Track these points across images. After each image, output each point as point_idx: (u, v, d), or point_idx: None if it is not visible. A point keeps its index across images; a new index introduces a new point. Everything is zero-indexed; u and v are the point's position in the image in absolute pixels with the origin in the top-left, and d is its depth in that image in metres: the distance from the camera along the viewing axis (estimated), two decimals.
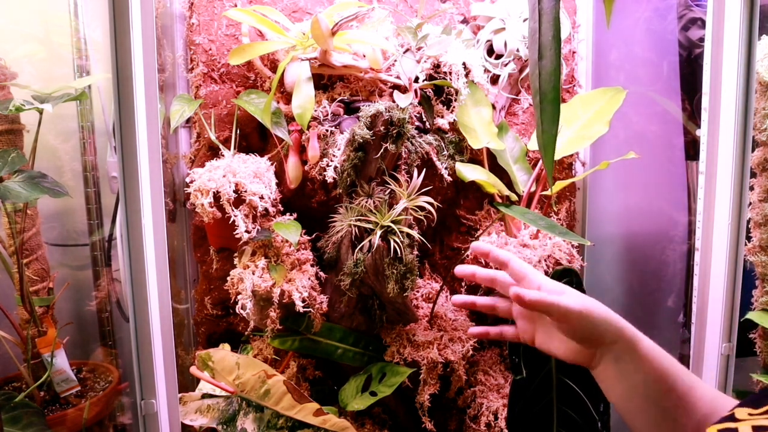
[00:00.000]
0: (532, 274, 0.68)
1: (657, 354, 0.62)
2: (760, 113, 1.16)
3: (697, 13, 1.37)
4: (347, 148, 1.10)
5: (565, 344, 0.66)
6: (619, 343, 0.63)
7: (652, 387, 0.61)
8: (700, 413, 0.59)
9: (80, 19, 1.26)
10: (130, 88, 0.83)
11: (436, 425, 1.16)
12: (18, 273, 1.13)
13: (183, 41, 1.29)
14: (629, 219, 1.56)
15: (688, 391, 0.60)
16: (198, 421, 1.10)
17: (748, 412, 0.42)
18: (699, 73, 1.15)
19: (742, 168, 1.09)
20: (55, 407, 1.15)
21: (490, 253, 0.71)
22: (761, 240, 1.18)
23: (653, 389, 0.61)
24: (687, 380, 0.61)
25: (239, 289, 1.08)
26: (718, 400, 0.60)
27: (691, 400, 0.60)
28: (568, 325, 0.63)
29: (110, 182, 1.31)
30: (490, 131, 1.25)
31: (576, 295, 0.65)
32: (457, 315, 1.29)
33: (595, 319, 0.62)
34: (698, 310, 1.16)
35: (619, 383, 0.63)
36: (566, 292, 0.65)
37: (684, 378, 0.61)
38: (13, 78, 1.14)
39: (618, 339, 0.63)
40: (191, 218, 1.34)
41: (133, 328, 0.89)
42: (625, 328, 0.63)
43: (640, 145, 1.49)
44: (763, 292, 1.20)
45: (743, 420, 0.41)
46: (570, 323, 0.62)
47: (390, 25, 1.20)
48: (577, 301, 0.63)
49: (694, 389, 0.60)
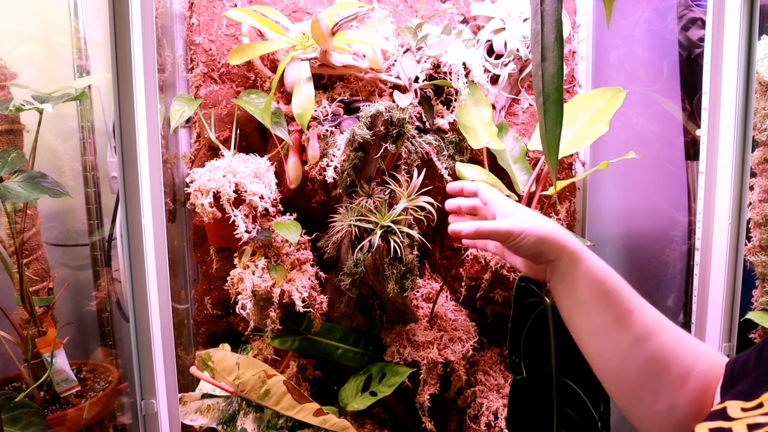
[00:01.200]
0: (493, 199, 0.79)
1: (599, 272, 0.67)
2: (760, 113, 1.16)
3: (697, 13, 1.37)
4: (347, 148, 1.10)
5: (521, 260, 0.76)
6: (562, 260, 0.69)
7: (592, 301, 0.66)
8: (637, 333, 0.62)
9: (80, 19, 1.26)
10: (130, 88, 0.83)
11: (436, 425, 1.16)
12: (18, 273, 1.13)
13: (183, 41, 1.29)
14: (629, 219, 1.55)
15: (628, 311, 0.64)
16: (198, 421, 1.10)
17: (740, 407, 0.40)
18: (699, 73, 1.15)
19: (742, 168, 1.09)
20: (55, 407, 1.15)
21: (464, 187, 0.87)
22: (761, 240, 1.18)
23: (592, 304, 0.66)
24: (631, 301, 0.65)
25: (239, 289, 1.08)
26: (660, 323, 0.63)
27: (629, 321, 0.63)
28: (511, 246, 0.72)
29: (110, 182, 1.31)
30: (490, 131, 1.25)
31: (520, 216, 0.73)
32: (457, 315, 1.29)
33: (536, 238, 0.70)
34: (698, 310, 1.16)
35: (564, 297, 0.70)
36: (514, 214, 0.74)
37: (627, 298, 0.65)
38: (13, 78, 1.14)
39: (560, 256, 0.69)
40: (191, 218, 1.33)
41: (133, 328, 0.89)
42: (567, 247, 0.69)
43: (640, 145, 1.49)
44: (763, 292, 1.20)
45: (737, 419, 0.38)
46: (512, 243, 0.71)
47: (390, 25, 1.20)
48: (518, 223, 0.71)
49: (637, 310, 0.64)
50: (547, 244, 0.70)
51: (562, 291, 0.70)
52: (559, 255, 0.69)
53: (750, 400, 0.39)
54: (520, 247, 0.71)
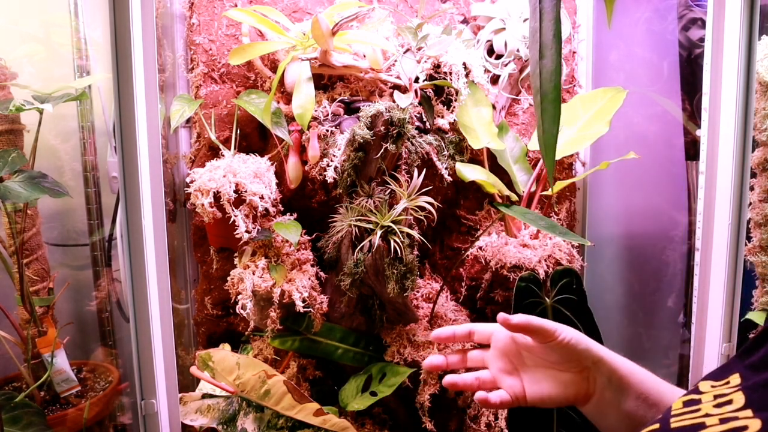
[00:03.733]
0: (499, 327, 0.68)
1: (632, 367, 0.64)
2: (760, 113, 1.16)
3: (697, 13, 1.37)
4: (347, 148, 1.10)
5: (557, 379, 0.65)
6: (601, 361, 0.63)
7: (641, 402, 0.61)
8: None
9: (80, 19, 1.26)
10: (130, 88, 0.83)
11: (436, 425, 1.15)
12: (18, 273, 1.13)
13: (183, 41, 1.29)
14: (629, 219, 1.56)
15: (664, 397, 0.61)
16: (198, 421, 1.10)
17: (710, 384, 0.46)
18: (699, 73, 1.15)
19: (742, 168, 1.09)
20: (55, 407, 1.15)
21: (454, 333, 0.71)
22: (761, 240, 1.18)
23: (642, 404, 0.61)
24: (661, 387, 0.63)
25: (239, 289, 1.08)
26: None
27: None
28: (555, 346, 0.64)
29: (110, 182, 1.31)
30: (490, 131, 1.25)
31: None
32: (458, 315, 1.29)
33: (573, 338, 0.64)
34: (698, 310, 1.16)
35: (616, 407, 0.62)
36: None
37: (657, 385, 0.63)
38: (13, 78, 1.14)
39: (598, 358, 0.64)
40: (191, 218, 1.33)
41: (133, 328, 0.89)
42: (593, 346, 0.64)
43: (641, 145, 1.49)
44: (763, 292, 1.20)
45: (706, 392, 0.45)
46: (556, 342, 0.63)
47: (390, 25, 1.20)
48: (552, 323, 0.64)
49: (667, 394, 0.62)
50: (583, 346, 0.63)
51: (610, 399, 0.63)
52: (596, 357, 0.64)
53: (719, 380, 0.46)
54: (563, 349, 0.63)
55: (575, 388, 0.64)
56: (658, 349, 1.55)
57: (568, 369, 0.65)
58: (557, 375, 0.65)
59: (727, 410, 0.41)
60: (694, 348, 1.18)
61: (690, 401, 0.45)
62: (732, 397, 0.42)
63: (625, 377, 0.63)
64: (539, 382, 0.66)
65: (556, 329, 0.64)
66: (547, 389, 0.65)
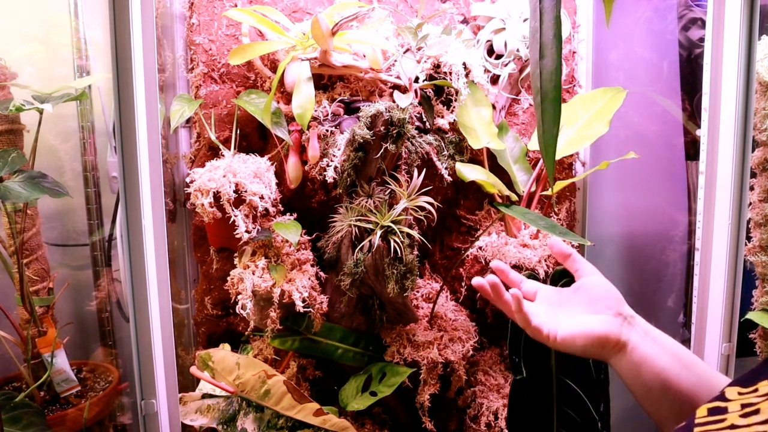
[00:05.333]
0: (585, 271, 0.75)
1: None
2: (760, 113, 1.16)
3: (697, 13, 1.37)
4: (347, 148, 1.10)
5: (590, 318, 0.67)
6: (636, 317, 0.67)
7: (677, 361, 0.63)
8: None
9: (80, 19, 1.26)
10: (130, 88, 0.83)
11: (436, 425, 1.15)
12: (18, 273, 1.13)
13: (183, 41, 1.29)
14: (629, 219, 1.55)
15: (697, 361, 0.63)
16: (198, 421, 1.10)
17: (738, 391, 0.45)
18: (699, 73, 1.15)
19: (742, 168, 1.09)
20: (55, 407, 1.15)
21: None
22: (761, 240, 1.18)
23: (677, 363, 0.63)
24: (692, 355, 0.65)
25: (239, 289, 1.08)
26: (716, 376, 0.63)
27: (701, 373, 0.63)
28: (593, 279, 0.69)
29: (110, 182, 1.31)
30: (490, 131, 1.25)
31: (574, 314, 0.70)
32: (457, 315, 1.29)
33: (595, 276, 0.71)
34: (698, 310, 1.16)
35: (651, 362, 0.63)
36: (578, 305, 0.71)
37: (688, 352, 0.65)
38: (13, 78, 1.14)
39: (632, 314, 0.67)
40: (191, 218, 1.33)
41: (133, 328, 0.89)
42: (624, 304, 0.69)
43: (640, 145, 1.49)
44: (763, 292, 1.20)
45: (733, 399, 0.43)
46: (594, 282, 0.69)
47: (390, 25, 1.20)
48: (555, 325, 0.68)
49: (700, 361, 0.64)
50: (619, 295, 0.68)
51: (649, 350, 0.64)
52: (632, 312, 0.67)
53: (747, 387, 0.44)
54: (600, 286, 0.69)
55: (607, 327, 0.65)
56: None
57: (603, 310, 0.67)
58: (591, 315, 0.68)
59: (754, 421, 0.39)
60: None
61: (715, 409, 0.43)
62: (760, 406, 0.40)
63: (661, 334, 0.65)
64: (572, 318, 0.68)
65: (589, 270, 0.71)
66: (579, 324, 0.66)
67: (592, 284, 0.71)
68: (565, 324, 0.67)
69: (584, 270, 0.72)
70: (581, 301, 0.70)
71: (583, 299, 0.69)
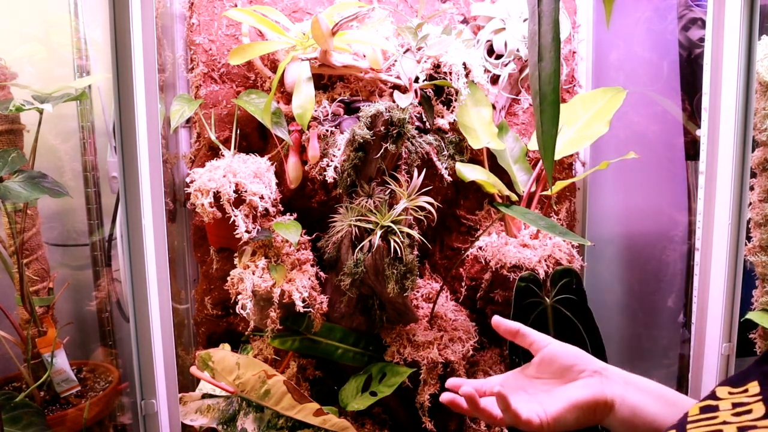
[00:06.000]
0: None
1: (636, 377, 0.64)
2: (760, 113, 1.16)
3: (697, 13, 1.37)
4: (347, 148, 1.10)
5: (571, 387, 0.64)
6: (609, 368, 0.63)
7: (663, 403, 0.61)
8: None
9: (80, 19, 1.26)
10: (130, 88, 0.83)
11: (436, 425, 1.15)
12: (18, 273, 1.13)
13: (183, 41, 1.29)
14: (629, 219, 1.56)
15: (679, 397, 0.61)
16: (198, 421, 1.10)
17: (728, 391, 0.46)
18: (699, 73, 1.15)
19: (742, 168, 1.09)
20: (55, 407, 1.15)
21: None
22: (761, 240, 1.18)
23: (664, 405, 0.61)
24: (670, 391, 0.63)
25: (239, 289, 1.08)
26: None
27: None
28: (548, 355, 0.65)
29: (110, 182, 1.31)
30: (490, 131, 1.25)
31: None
32: (457, 315, 1.29)
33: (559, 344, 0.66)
34: (698, 310, 1.16)
35: (642, 412, 0.61)
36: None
37: (666, 388, 0.63)
38: (13, 78, 1.14)
39: (604, 366, 0.64)
40: (191, 218, 1.33)
41: (133, 328, 0.89)
42: (590, 356, 0.65)
43: (640, 145, 1.49)
44: (763, 292, 1.20)
45: (724, 398, 0.44)
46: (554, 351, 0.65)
47: (390, 25, 1.20)
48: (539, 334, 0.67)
49: (680, 396, 0.62)
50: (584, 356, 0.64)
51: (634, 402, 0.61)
52: (601, 366, 0.64)
53: (737, 387, 0.45)
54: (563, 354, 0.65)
55: (590, 390, 0.62)
56: (658, 349, 1.55)
57: (576, 375, 0.64)
58: (568, 385, 0.64)
59: (746, 419, 0.40)
60: (694, 348, 1.18)
61: (707, 407, 0.44)
62: (752, 407, 0.41)
63: (639, 379, 0.63)
64: (552, 395, 0.64)
65: (542, 339, 0.66)
66: (563, 399, 0.62)
67: (553, 353, 0.66)
68: (549, 404, 0.62)
69: (539, 341, 0.67)
70: (551, 375, 0.66)
71: (553, 372, 0.66)
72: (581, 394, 0.62)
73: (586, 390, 0.62)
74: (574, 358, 0.65)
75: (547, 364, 0.66)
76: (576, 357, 0.65)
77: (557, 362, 0.65)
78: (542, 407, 0.62)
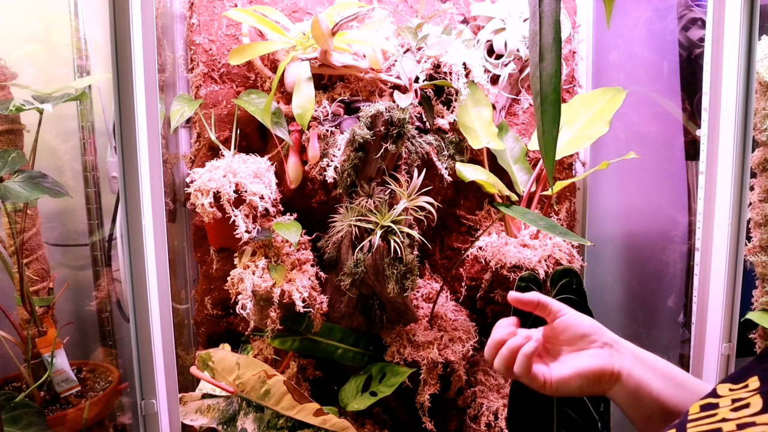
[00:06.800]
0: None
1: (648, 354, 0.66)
2: (760, 113, 1.16)
3: (697, 13, 1.37)
4: (347, 148, 1.10)
5: (581, 355, 0.65)
6: (621, 342, 0.65)
7: (669, 382, 0.62)
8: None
9: (80, 19, 1.26)
10: (130, 88, 0.83)
11: (436, 425, 1.16)
12: (18, 273, 1.13)
13: (183, 41, 1.29)
14: (629, 219, 1.56)
15: (687, 378, 0.63)
16: (198, 421, 1.10)
17: (729, 388, 0.46)
18: (699, 73, 1.15)
19: (742, 168, 1.09)
20: (55, 407, 1.15)
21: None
22: (761, 240, 1.18)
23: (670, 384, 0.62)
24: (679, 370, 0.64)
25: (239, 289, 1.08)
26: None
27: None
28: (563, 324, 0.67)
29: (110, 182, 1.31)
30: (490, 131, 1.25)
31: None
32: (458, 315, 1.29)
33: (575, 313, 0.68)
34: (698, 310, 1.16)
35: (647, 387, 0.62)
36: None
37: (674, 367, 0.65)
38: (13, 78, 1.14)
39: (616, 339, 0.66)
40: (191, 218, 1.33)
41: (133, 328, 0.89)
42: (605, 330, 0.67)
43: (641, 145, 1.49)
44: (763, 292, 1.20)
45: (724, 395, 0.45)
46: (561, 318, 0.67)
47: (390, 25, 1.20)
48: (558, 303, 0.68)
49: (689, 377, 0.64)
50: (599, 327, 0.66)
51: (642, 376, 0.63)
52: (614, 338, 0.66)
53: (738, 383, 0.46)
54: (579, 323, 0.67)
55: (598, 361, 0.63)
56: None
57: (588, 345, 0.66)
58: (578, 353, 0.66)
59: (744, 414, 0.40)
60: (694, 348, 1.18)
61: (707, 405, 0.45)
62: (750, 401, 0.42)
63: (650, 356, 0.64)
64: (560, 361, 0.66)
65: (561, 308, 0.68)
66: (570, 366, 0.64)
67: (568, 322, 0.68)
68: (555, 369, 0.65)
69: (557, 311, 0.69)
70: (564, 342, 0.68)
71: (566, 339, 0.67)
72: (589, 363, 0.64)
73: (594, 360, 0.64)
74: (587, 328, 0.67)
75: (560, 331, 0.68)
76: (590, 327, 0.67)
77: (571, 330, 0.67)
78: (548, 369, 0.65)
